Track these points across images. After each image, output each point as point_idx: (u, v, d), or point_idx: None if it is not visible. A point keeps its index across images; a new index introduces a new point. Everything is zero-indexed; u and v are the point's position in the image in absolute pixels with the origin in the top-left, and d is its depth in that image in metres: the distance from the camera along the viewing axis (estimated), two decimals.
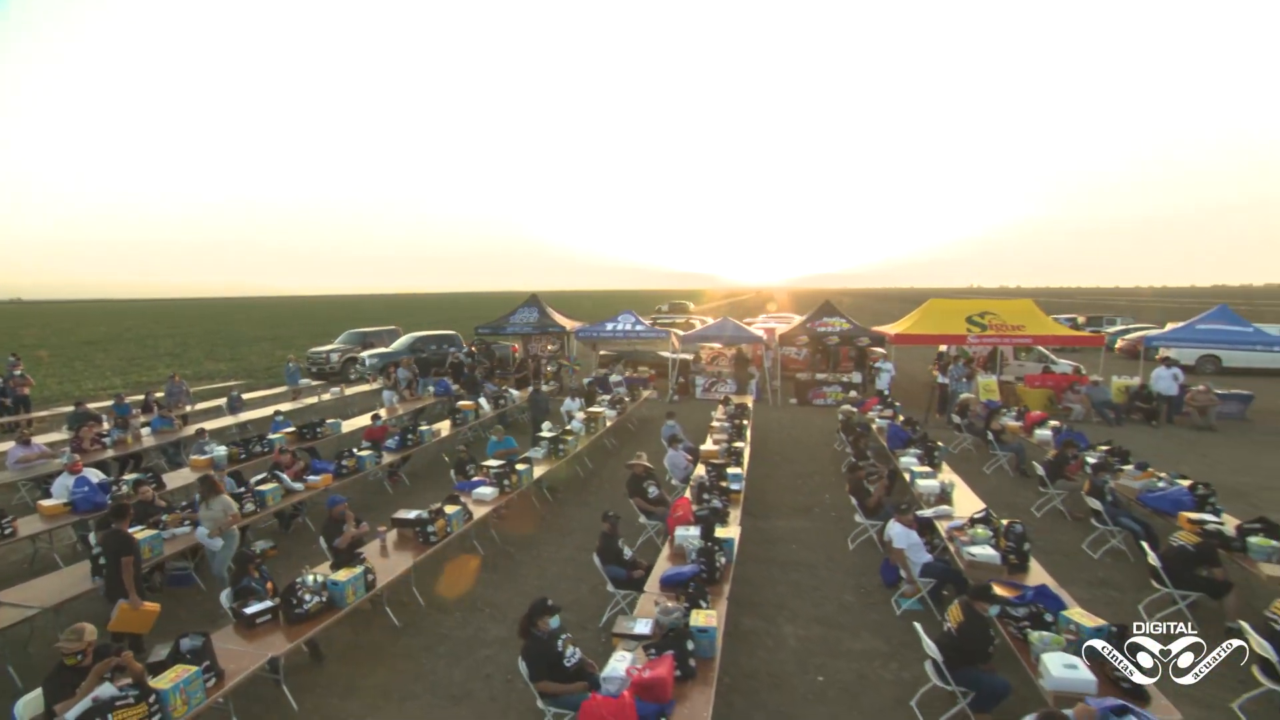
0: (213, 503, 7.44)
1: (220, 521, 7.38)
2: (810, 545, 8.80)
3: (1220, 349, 21.13)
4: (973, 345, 17.04)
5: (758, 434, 14.66)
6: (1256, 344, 16.08)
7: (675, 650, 4.63)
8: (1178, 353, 23.22)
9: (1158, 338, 17.76)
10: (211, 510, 7.40)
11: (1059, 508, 9.67)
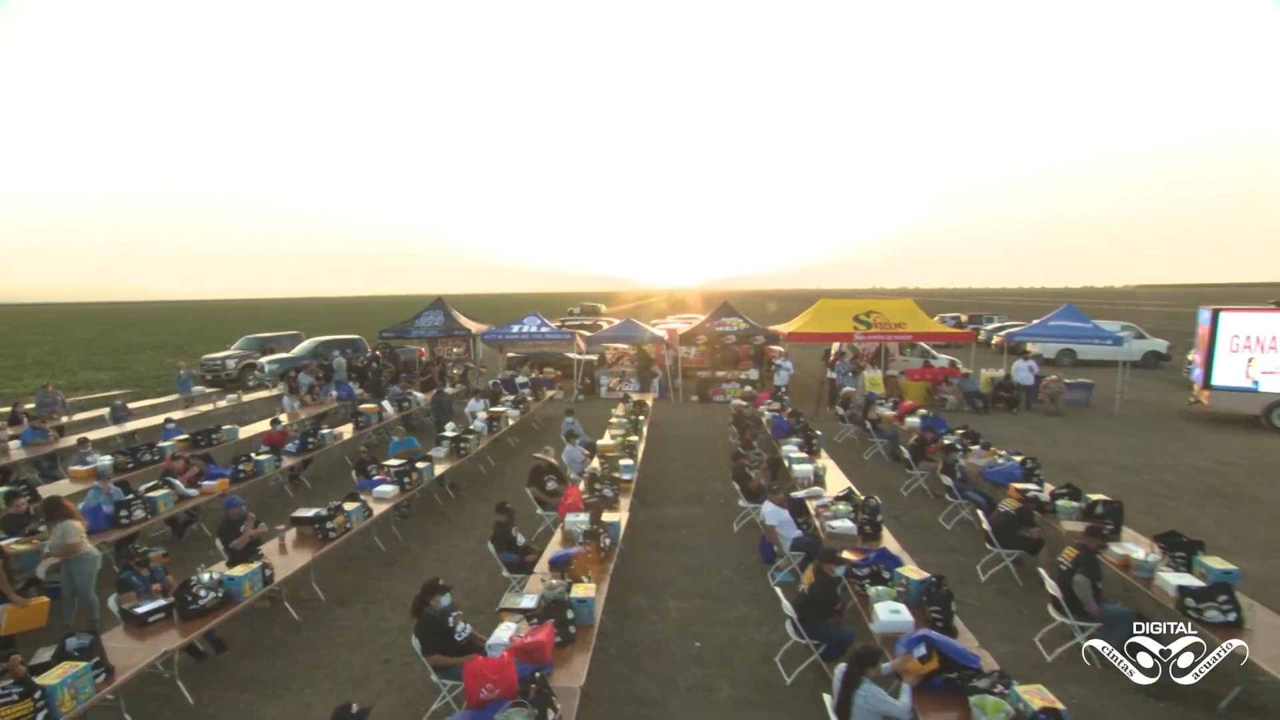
0: (57, 527, 6.62)
1: (60, 548, 6.60)
2: (698, 529, 9.48)
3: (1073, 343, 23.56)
4: (860, 342, 18.35)
5: (658, 429, 15.38)
6: (1094, 338, 18.14)
7: (556, 619, 5.10)
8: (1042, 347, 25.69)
9: (1017, 333, 19.65)
10: (54, 536, 6.62)
11: (923, 486, 10.76)
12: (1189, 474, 12.05)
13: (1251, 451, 13.53)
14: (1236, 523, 9.66)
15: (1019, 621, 6.88)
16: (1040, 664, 6.19)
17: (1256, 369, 15.39)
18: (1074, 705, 5.58)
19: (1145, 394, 19.97)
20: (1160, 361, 26.05)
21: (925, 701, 4.43)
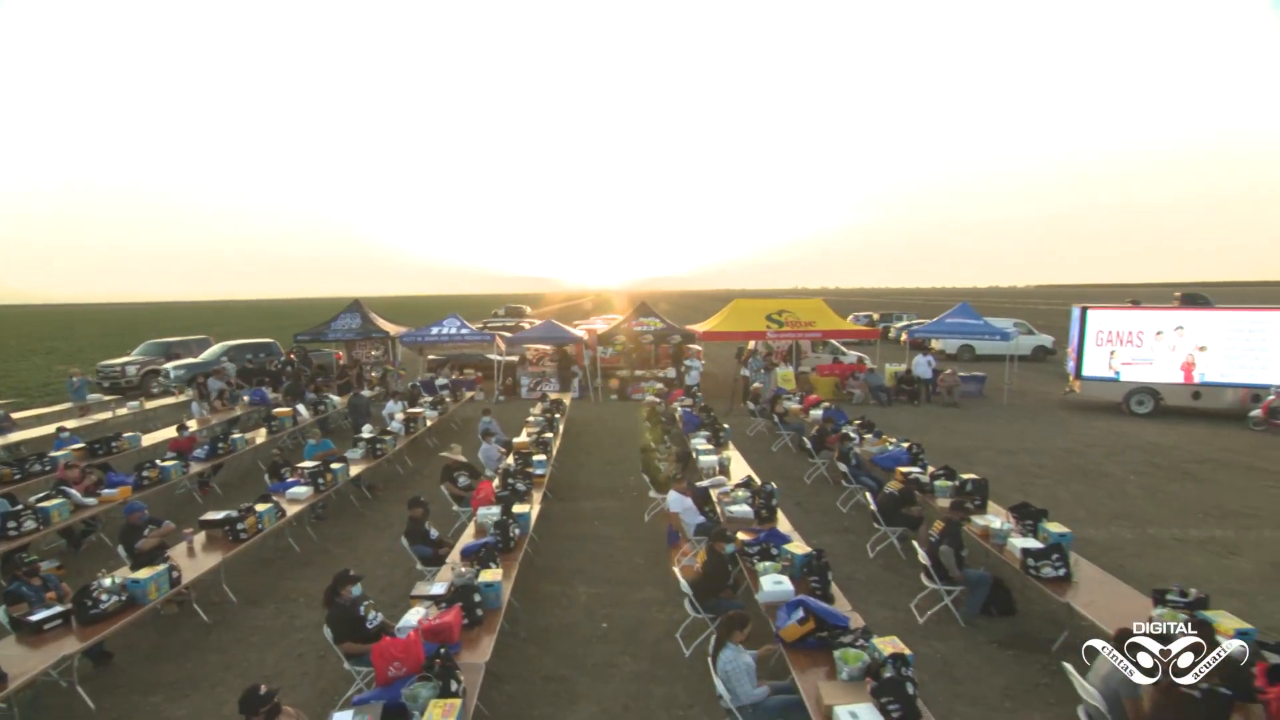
0: None
1: None
2: (611, 521, 9.90)
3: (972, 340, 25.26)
4: (772, 340, 19.22)
5: (577, 428, 15.75)
6: (985, 335, 19.64)
7: (464, 603, 5.40)
8: (945, 343, 27.42)
9: (918, 330, 21.00)
10: None
11: (824, 474, 11.51)
12: (1058, 455, 13.30)
13: (1111, 434, 15.01)
14: (1090, 496, 10.80)
15: (899, 591, 7.58)
16: (914, 626, 6.88)
17: (1118, 360, 17.03)
18: (938, 659, 6.30)
19: (1031, 385, 21.67)
20: (1047, 355, 28.21)
21: (800, 658, 4.96)
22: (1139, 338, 16.84)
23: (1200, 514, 10.00)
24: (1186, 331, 16.45)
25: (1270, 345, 15.81)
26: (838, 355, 20.96)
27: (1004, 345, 22.27)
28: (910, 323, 36.34)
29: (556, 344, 20.31)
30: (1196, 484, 11.46)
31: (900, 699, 4.24)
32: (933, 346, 27.92)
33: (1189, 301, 17.27)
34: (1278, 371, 15.73)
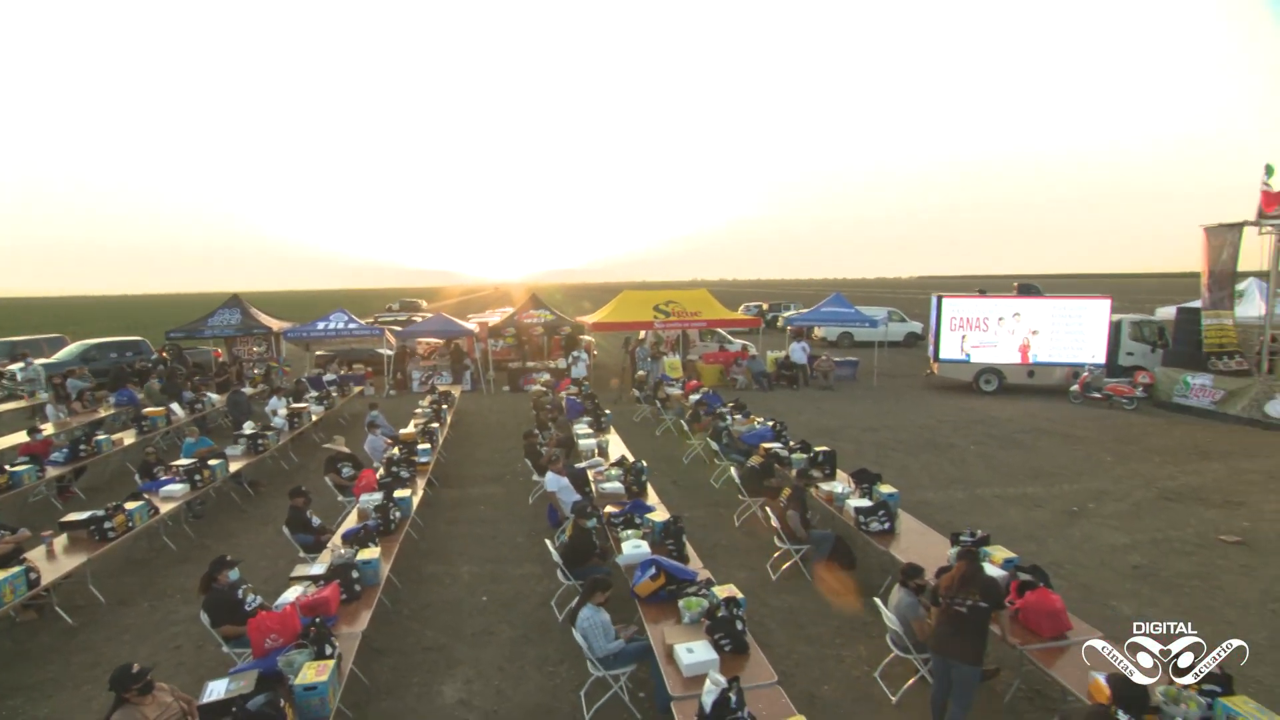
0: None
1: None
2: (497, 505, 10.32)
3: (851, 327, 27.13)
4: (660, 330, 20.03)
5: (468, 419, 16.01)
6: (856, 322, 21.28)
7: (342, 579, 5.71)
8: (827, 330, 29.24)
9: (795, 319, 22.44)
10: None
11: (700, 454, 12.34)
12: (914, 430, 14.77)
13: (960, 410, 16.75)
14: (935, 465, 12.16)
15: (758, 554, 8.41)
16: (768, 583, 7.71)
17: (968, 344, 18.95)
18: (786, 609, 7.15)
19: (900, 368, 23.61)
20: (917, 341, 30.64)
21: (651, 609, 5.61)
22: (985, 323, 18.80)
23: (1020, 475, 11.50)
24: (1022, 318, 18.53)
25: (1087, 329, 18.08)
26: (723, 343, 22.08)
27: (876, 332, 24.12)
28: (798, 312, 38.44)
29: (447, 337, 20.34)
30: (1022, 451, 13.08)
31: (730, 634, 4.95)
32: (816, 334, 29.75)
33: (1024, 291, 19.38)
34: (1093, 352, 18.02)
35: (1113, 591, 7.39)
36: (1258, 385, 14.91)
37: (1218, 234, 15.58)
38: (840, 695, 5.75)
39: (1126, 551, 8.41)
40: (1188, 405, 16.19)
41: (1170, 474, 11.48)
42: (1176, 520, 9.41)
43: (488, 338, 20.73)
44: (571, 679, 5.93)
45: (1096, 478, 11.34)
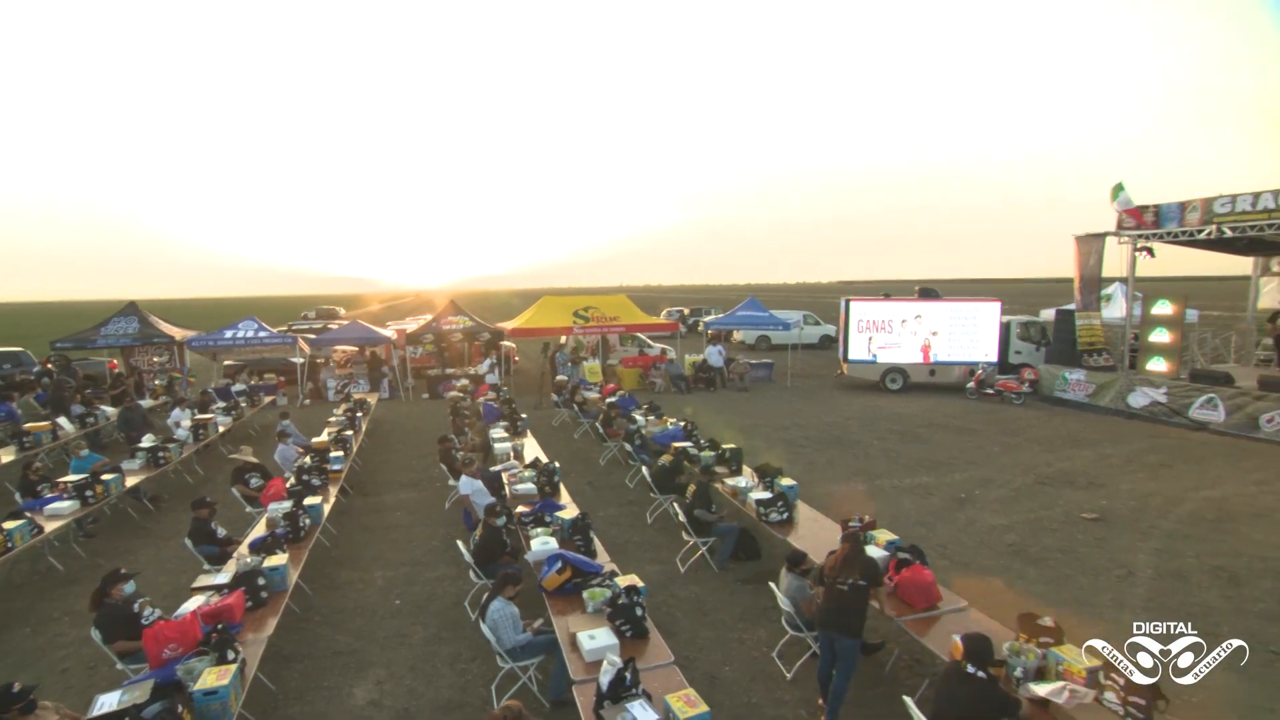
0: None
1: None
2: (413, 510, 10.31)
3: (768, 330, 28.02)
4: (579, 335, 20.25)
5: (385, 427, 15.83)
6: (769, 325, 22.11)
7: (247, 587, 5.67)
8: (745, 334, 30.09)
9: (712, 322, 23.09)
10: None
11: (616, 455, 12.61)
12: (823, 428, 15.50)
13: (867, 408, 17.66)
14: (841, 459, 12.83)
15: (668, 549, 8.72)
16: (677, 575, 8.03)
17: (875, 345, 19.97)
18: (693, 598, 7.48)
19: (813, 369, 24.59)
20: (831, 343, 31.92)
21: (558, 602, 5.82)
22: (890, 325, 19.85)
23: (917, 467, 12.28)
24: (923, 320, 19.68)
25: (981, 330, 19.38)
26: (643, 348, 22.49)
27: (790, 335, 25.07)
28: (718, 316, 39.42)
29: (364, 345, 19.95)
30: (920, 444, 13.95)
31: (630, 620, 5.22)
32: (735, 338, 30.59)
33: (925, 295, 20.57)
34: (986, 351, 19.33)
35: (988, 567, 8.07)
36: (1122, 379, 16.39)
37: (1086, 242, 17.06)
38: (739, 675, 6.10)
39: (1004, 532, 9.16)
40: (1066, 399, 17.59)
41: (1047, 461, 12.51)
42: (1048, 502, 10.30)
43: (406, 345, 20.44)
44: (483, 674, 6.07)
45: (984, 467, 12.23)
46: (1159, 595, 7.32)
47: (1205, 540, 8.73)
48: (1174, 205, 15.10)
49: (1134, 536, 8.90)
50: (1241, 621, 6.69)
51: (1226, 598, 7.24)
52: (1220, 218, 14.13)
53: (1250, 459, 12.40)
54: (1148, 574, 7.83)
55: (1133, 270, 16.16)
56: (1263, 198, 13.43)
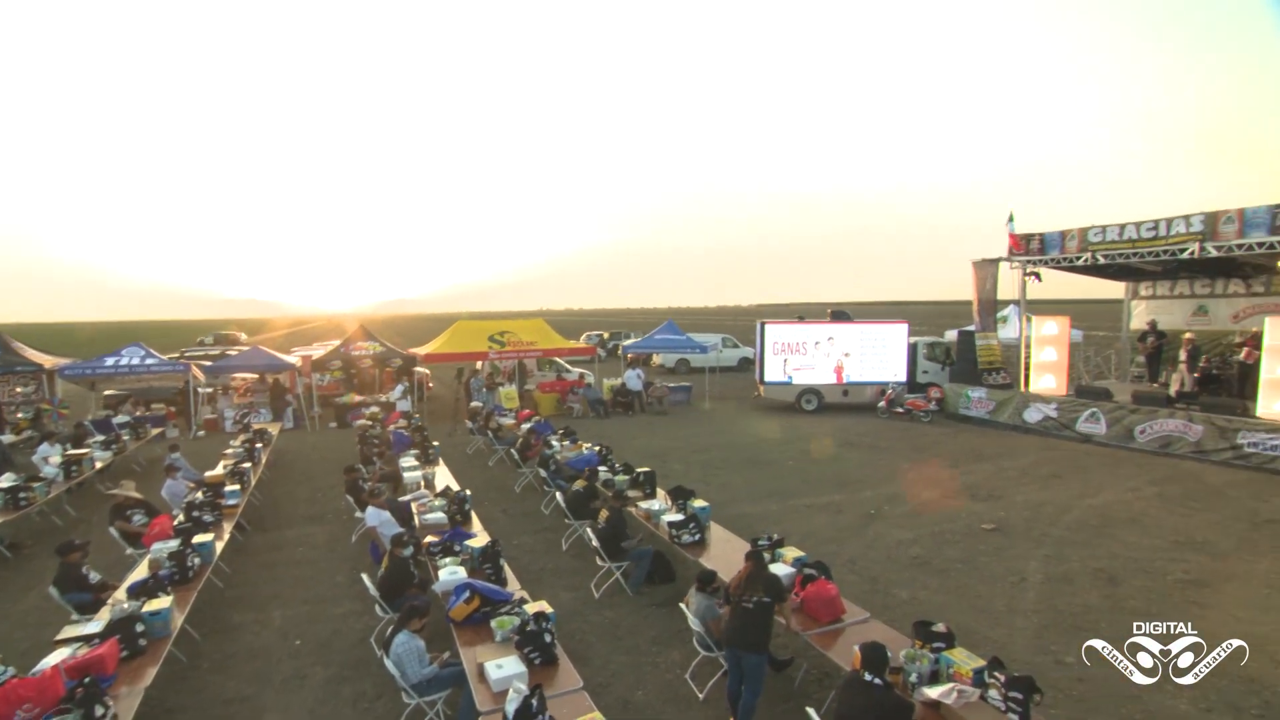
0: None
1: None
2: (317, 545, 9.94)
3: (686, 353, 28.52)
4: (494, 360, 20.08)
5: (288, 457, 15.21)
6: (687, 349, 22.58)
7: (123, 635, 5.34)
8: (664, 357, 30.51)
9: (630, 346, 23.36)
10: None
11: (531, 482, 12.53)
12: (740, 449, 15.87)
13: (784, 428, 18.21)
14: (757, 480, 13.17)
15: (583, 575, 8.72)
16: (591, 601, 8.05)
17: (790, 367, 20.65)
18: (607, 623, 7.52)
19: (732, 391, 25.12)
20: (749, 366, 32.77)
21: (465, 632, 5.77)
22: (804, 347, 20.57)
23: (829, 485, 12.74)
24: (836, 341, 20.51)
25: (890, 351, 20.37)
26: (561, 372, 22.48)
27: (709, 358, 25.62)
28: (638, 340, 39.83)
29: (266, 372, 19.11)
30: (834, 463, 14.50)
31: (539, 647, 5.23)
32: (654, 361, 30.97)
33: (837, 317, 21.45)
34: (895, 371, 20.31)
35: (895, 580, 8.46)
36: (1018, 396, 17.57)
37: (983, 267, 18.32)
38: (653, 698, 6.17)
39: (909, 545, 9.62)
40: (970, 416, 18.66)
41: (951, 475, 13.23)
42: (951, 515, 10.89)
43: (312, 372, 19.72)
44: (388, 712, 5.91)
45: (893, 483, 12.81)
46: (1048, 598, 7.87)
47: (1088, 545, 9.44)
48: (1055, 234, 16.45)
49: (1027, 544, 9.52)
50: (1118, 618, 7.26)
51: (1105, 597, 7.85)
52: (1094, 246, 15.50)
53: (1126, 467, 13.50)
54: (1038, 579, 8.40)
55: (1023, 293, 17.45)
56: (1128, 228, 14.89)
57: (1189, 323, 18.54)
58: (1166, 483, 12.35)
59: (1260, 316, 16.25)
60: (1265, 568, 8.59)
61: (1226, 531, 9.86)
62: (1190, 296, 18.86)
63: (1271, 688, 5.97)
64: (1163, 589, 8.02)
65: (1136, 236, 14.75)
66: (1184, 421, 14.05)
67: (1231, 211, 13.41)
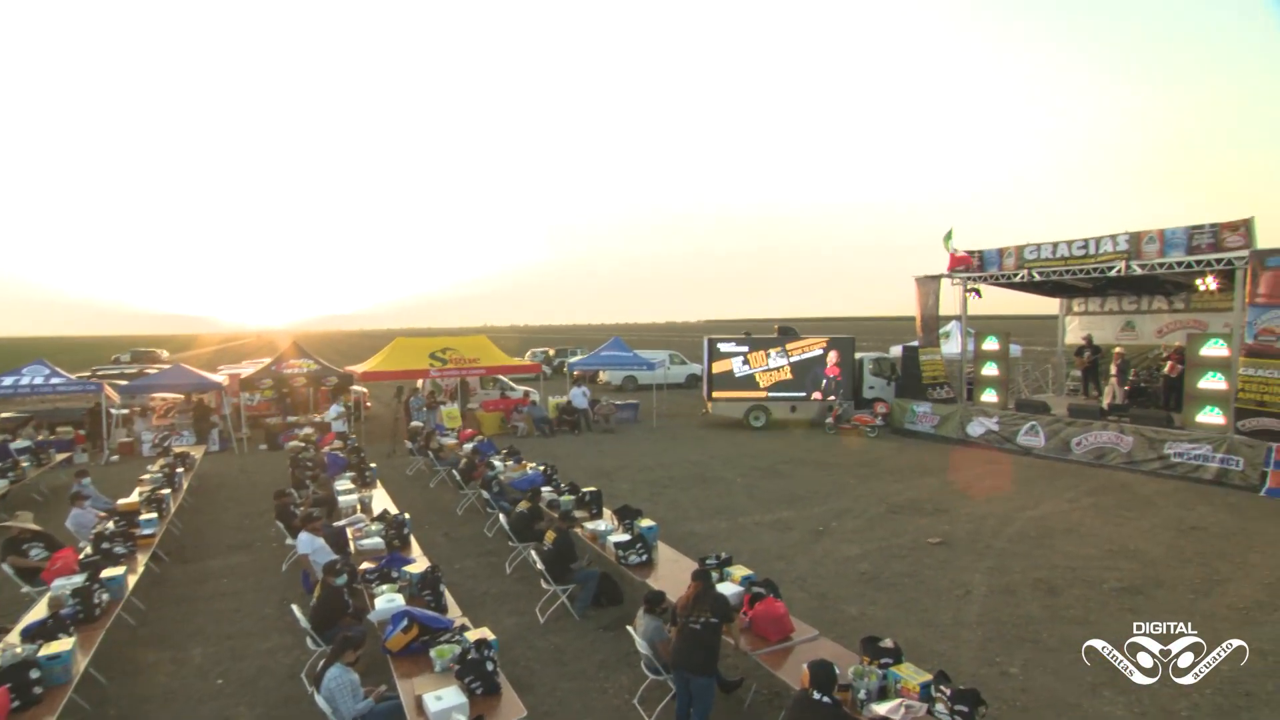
0: None
1: None
2: (243, 576, 9.52)
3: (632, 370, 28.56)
4: (436, 378, 19.73)
5: (214, 482, 14.64)
6: (634, 366, 22.64)
7: (13, 683, 4.96)
8: (611, 374, 30.48)
9: (575, 363, 23.28)
10: None
11: (474, 504, 12.30)
12: (687, 467, 15.92)
13: (731, 446, 18.36)
14: (704, 498, 13.22)
15: (528, 599, 8.58)
16: (537, 626, 7.91)
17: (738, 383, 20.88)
18: (553, 649, 7.39)
19: (680, 409, 25.27)
20: (697, 382, 33.01)
21: (403, 663, 5.59)
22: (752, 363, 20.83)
23: (778, 502, 12.87)
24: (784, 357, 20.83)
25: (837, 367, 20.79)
26: (505, 390, 22.24)
27: (656, 374, 25.70)
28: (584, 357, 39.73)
29: (189, 392, 18.32)
30: (781, 479, 14.66)
31: (480, 676, 5.10)
32: (601, 379, 30.91)
33: (784, 333, 21.83)
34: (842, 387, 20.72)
35: (843, 596, 8.58)
36: (961, 411, 18.16)
37: (925, 283, 18.95)
38: None
39: (858, 561, 9.78)
40: (915, 430, 19.18)
41: (898, 490, 13.53)
42: (898, 529, 11.13)
43: (241, 391, 19.00)
44: None
45: (841, 499, 13.03)
46: (991, 609, 8.09)
47: (1029, 556, 9.77)
48: (994, 251, 17.19)
49: (971, 557, 9.79)
50: (1058, 628, 7.53)
51: (1046, 607, 8.12)
52: (1029, 263, 16.26)
53: (1064, 479, 14.07)
54: (982, 591, 8.63)
55: (964, 309, 18.12)
56: (1060, 246, 15.72)
57: (1118, 338, 19.57)
58: (1101, 493, 12.92)
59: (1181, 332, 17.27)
60: (1191, 574, 9.03)
61: (1155, 540, 10.35)
62: (1119, 313, 19.93)
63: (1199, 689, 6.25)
64: (1100, 598, 8.34)
65: (1068, 254, 15.55)
66: (1116, 433, 14.75)
67: (1153, 232, 14.27)
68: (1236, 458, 12.93)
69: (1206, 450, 13.31)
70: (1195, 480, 13.35)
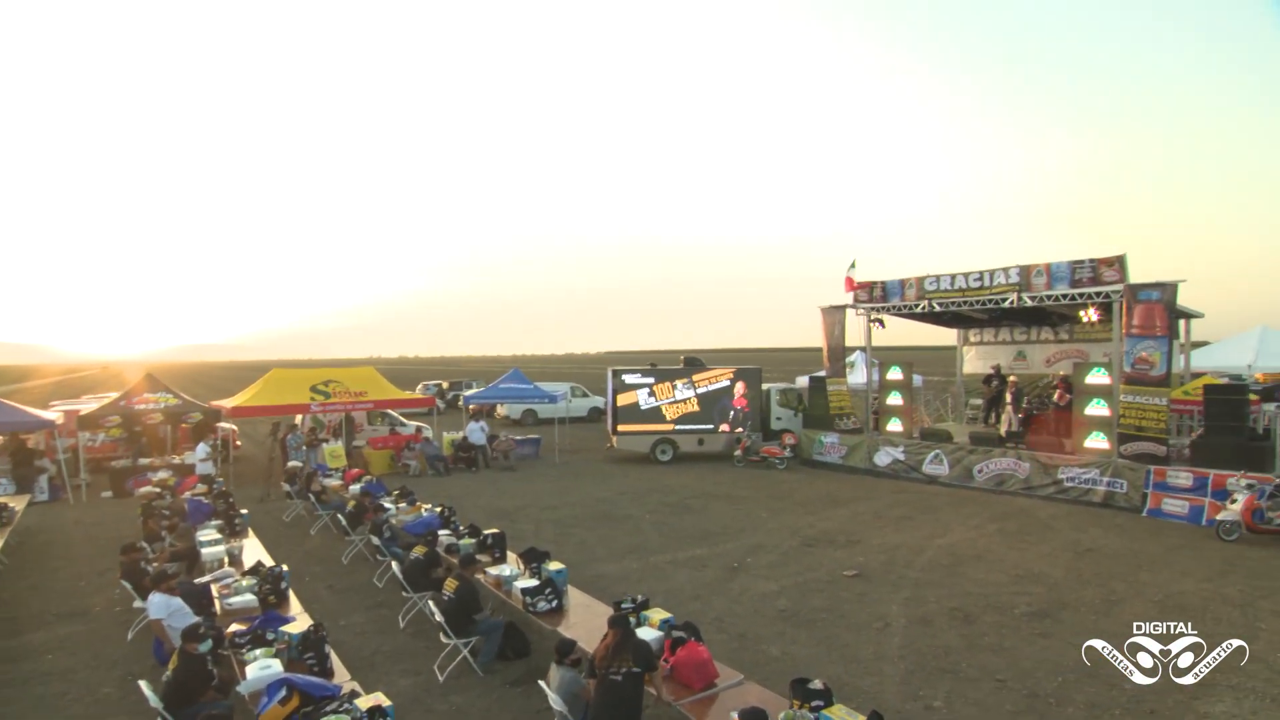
0: None
1: None
2: (75, 650, 8.45)
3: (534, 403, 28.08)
4: (318, 413, 18.65)
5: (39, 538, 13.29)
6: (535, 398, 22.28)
7: None
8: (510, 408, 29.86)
9: (471, 396, 22.67)
10: None
11: (363, 550, 11.57)
12: (593, 505, 15.65)
13: (639, 481, 18.24)
14: (612, 536, 12.98)
15: (425, 655, 8.03)
16: (435, 686, 7.40)
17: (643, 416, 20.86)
18: (455, 711, 6.94)
19: (583, 443, 25.00)
20: (600, 415, 32.84)
21: None
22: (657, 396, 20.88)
23: (690, 539, 12.79)
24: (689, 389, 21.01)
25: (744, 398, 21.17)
26: (395, 426, 21.32)
27: (558, 408, 25.37)
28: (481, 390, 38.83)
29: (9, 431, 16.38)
30: (692, 515, 14.63)
31: None
32: (499, 413, 30.22)
33: (690, 364, 22.06)
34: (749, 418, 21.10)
35: (763, 635, 8.52)
36: (868, 441, 18.85)
37: (831, 314, 19.70)
38: None
39: (775, 597, 9.80)
40: (824, 461, 19.72)
41: (810, 523, 13.77)
42: (814, 563, 11.27)
43: (79, 430, 17.21)
44: None
45: (755, 533, 13.11)
46: (911, 641, 8.24)
47: (943, 585, 10.09)
48: (895, 282, 18.12)
49: (887, 589, 10.01)
50: (975, 656, 7.76)
51: (962, 636, 8.36)
52: (930, 294, 17.24)
53: (969, 506, 14.78)
54: (901, 623, 8.81)
55: (869, 339, 18.93)
56: (958, 278, 16.81)
57: (1011, 367, 20.96)
58: (1004, 519, 13.63)
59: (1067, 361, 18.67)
60: (1091, 595, 9.59)
61: (1056, 563, 10.97)
62: (1011, 343, 21.39)
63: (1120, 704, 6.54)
64: (1012, 623, 8.68)
65: (965, 286, 16.63)
66: (1014, 460, 15.69)
67: (1040, 265, 15.45)
68: (1121, 480, 14.01)
69: (1094, 474, 14.36)
70: (1086, 503, 14.36)
